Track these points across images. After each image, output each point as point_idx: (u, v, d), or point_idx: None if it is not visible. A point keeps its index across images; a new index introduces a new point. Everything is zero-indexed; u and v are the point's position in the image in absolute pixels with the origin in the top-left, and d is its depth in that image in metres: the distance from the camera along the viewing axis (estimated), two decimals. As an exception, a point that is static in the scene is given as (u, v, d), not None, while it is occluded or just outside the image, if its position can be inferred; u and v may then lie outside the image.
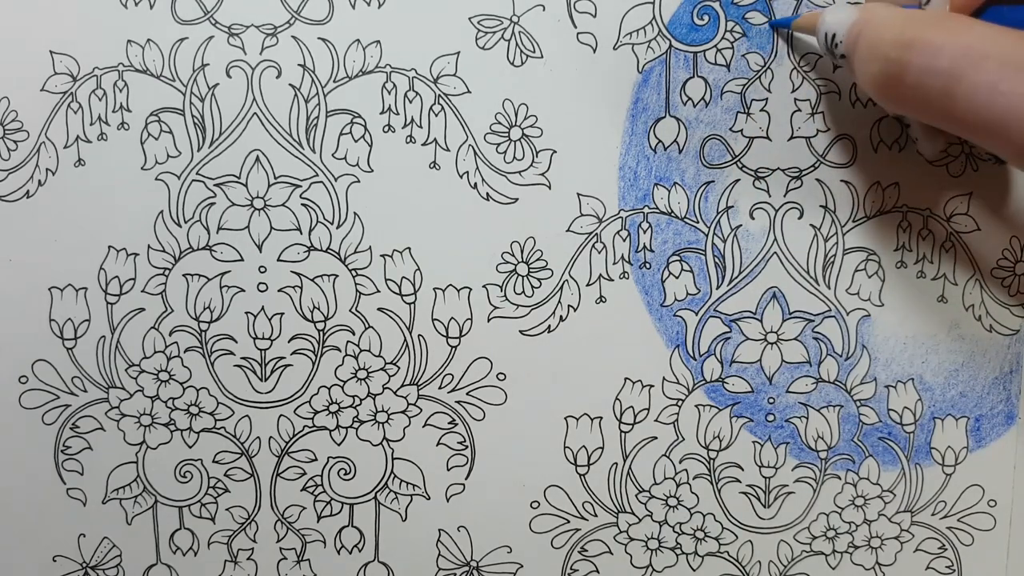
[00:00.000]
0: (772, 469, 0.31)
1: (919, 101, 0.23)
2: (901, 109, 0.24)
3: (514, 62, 0.29)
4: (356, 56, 0.29)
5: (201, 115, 0.30)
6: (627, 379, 0.31)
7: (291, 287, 0.30)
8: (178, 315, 0.30)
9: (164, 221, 0.30)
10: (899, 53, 0.22)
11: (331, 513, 0.32)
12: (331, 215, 0.30)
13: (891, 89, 0.23)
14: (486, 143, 0.30)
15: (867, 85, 0.24)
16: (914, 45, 0.22)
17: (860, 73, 0.24)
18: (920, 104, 0.23)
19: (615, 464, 0.31)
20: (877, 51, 0.23)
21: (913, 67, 0.22)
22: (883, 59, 0.23)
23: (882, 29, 0.23)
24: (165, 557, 0.32)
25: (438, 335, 0.31)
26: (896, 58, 0.22)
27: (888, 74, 0.23)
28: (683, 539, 0.32)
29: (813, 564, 0.32)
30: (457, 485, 0.31)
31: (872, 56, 0.23)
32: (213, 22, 0.29)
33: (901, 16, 0.23)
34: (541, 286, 0.30)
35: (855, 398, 0.31)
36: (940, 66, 0.21)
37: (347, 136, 0.30)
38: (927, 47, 0.22)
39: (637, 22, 0.29)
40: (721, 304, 0.30)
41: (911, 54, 0.22)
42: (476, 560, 0.32)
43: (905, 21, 0.23)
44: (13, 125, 0.30)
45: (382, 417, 0.31)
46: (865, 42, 0.24)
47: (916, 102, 0.23)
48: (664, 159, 0.30)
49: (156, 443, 0.31)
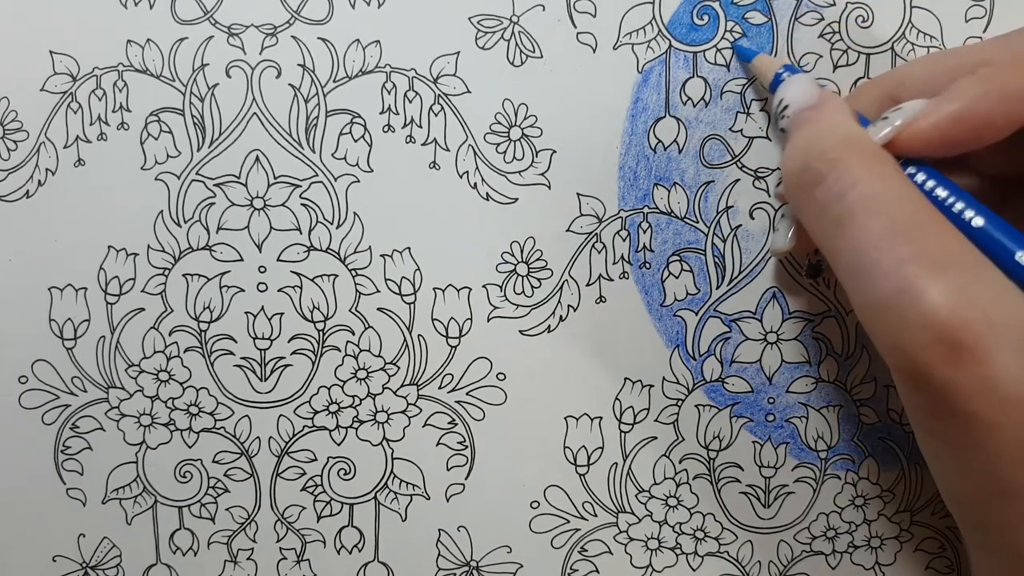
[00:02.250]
0: (772, 469, 0.31)
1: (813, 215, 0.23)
2: (795, 209, 0.24)
3: (514, 62, 0.29)
4: (356, 56, 0.29)
5: (201, 115, 0.30)
6: (627, 379, 0.31)
7: (291, 287, 0.30)
8: (178, 315, 0.30)
9: (164, 221, 0.30)
10: (821, 166, 0.23)
11: (331, 513, 0.32)
12: (331, 215, 0.30)
13: (798, 189, 0.23)
14: (486, 143, 0.30)
15: (785, 175, 0.24)
16: (836, 167, 0.22)
17: (785, 156, 0.24)
18: (812, 217, 0.23)
19: (615, 464, 0.31)
20: (806, 152, 0.23)
21: (825, 185, 0.22)
22: (805, 162, 0.23)
23: (823, 135, 0.23)
24: (165, 557, 0.32)
25: (438, 335, 0.31)
26: (816, 169, 0.23)
27: (802, 178, 0.23)
28: (683, 539, 0.32)
29: (813, 564, 0.32)
30: (457, 485, 0.31)
31: (800, 152, 0.24)
32: (213, 22, 0.29)
33: (844, 130, 0.23)
34: (541, 286, 0.30)
35: (855, 398, 0.31)
36: (847, 198, 0.22)
37: (347, 136, 0.30)
38: (847, 175, 0.22)
39: (637, 22, 0.29)
40: (721, 304, 0.30)
41: (831, 174, 0.22)
42: (476, 560, 0.32)
43: (844, 138, 0.23)
44: (13, 125, 0.30)
45: (382, 417, 0.31)
46: (803, 135, 0.24)
47: (810, 214, 0.23)
48: (664, 159, 0.30)
49: (156, 443, 0.31)
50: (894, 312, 0.20)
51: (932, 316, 0.19)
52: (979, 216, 0.22)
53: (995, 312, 0.19)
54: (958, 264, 0.20)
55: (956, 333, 0.19)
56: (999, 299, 0.20)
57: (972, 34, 0.28)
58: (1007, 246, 0.21)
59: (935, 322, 0.19)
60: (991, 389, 0.19)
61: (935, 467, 0.23)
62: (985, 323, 0.19)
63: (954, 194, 0.22)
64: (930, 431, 0.22)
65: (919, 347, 0.20)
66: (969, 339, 0.19)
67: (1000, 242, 0.21)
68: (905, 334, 0.20)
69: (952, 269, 0.20)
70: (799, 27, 0.29)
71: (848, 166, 0.22)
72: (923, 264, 0.20)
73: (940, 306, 0.19)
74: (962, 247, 0.20)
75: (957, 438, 0.20)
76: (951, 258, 0.20)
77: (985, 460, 0.20)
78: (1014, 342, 0.19)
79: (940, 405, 0.20)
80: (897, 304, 0.20)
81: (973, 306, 0.19)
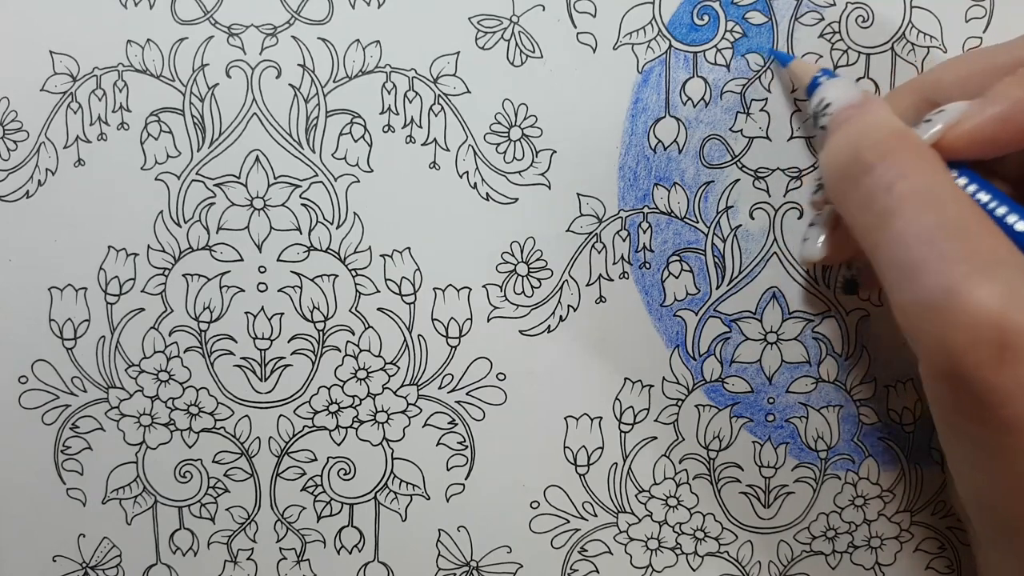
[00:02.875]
0: (772, 469, 0.31)
1: (859, 206, 0.23)
2: (837, 202, 0.24)
3: (514, 62, 0.29)
4: (356, 56, 0.29)
5: (201, 115, 0.30)
6: (627, 379, 0.31)
7: (291, 287, 0.30)
8: (178, 315, 0.30)
9: (164, 221, 0.30)
10: (871, 157, 0.22)
11: (331, 513, 0.32)
12: (331, 215, 0.30)
13: (844, 181, 0.23)
14: (486, 143, 0.30)
15: (828, 168, 0.24)
16: (887, 157, 0.22)
17: (828, 154, 0.24)
18: (857, 209, 0.23)
19: (615, 464, 0.31)
20: (853, 145, 0.23)
21: (875, 175, 0.22)
22: (853, 155, 0.23)
23: (871, 128, 0.23)
24: (165, 557, 0.32)
25: (438, 335, 0.31)
26: (866, 160, 0.22)
27: (850, 168, 0.23)
28: (683, 539, 0.32)
29: (813, 564, 0.32)
30: (457, 485, 0.31)
31: (846, 146, 0.23)
32: (213, 22, 0.29)
33: (892, 124, 0.23)
34: (541, 286, 0.30)
35: (855, 398, 0.31)
36: (896, 189, 0.21)
37: (347, 136, 0.30)
38: (897, 166, 0.22)
39: (637, 22, 0.29)
40: (721, 304, 0.30)
41: (881, 164, 0.22)
42: (476, 560, 0.32)
43: (893, 131, 0.23)
44: (13, 125, 0.30)
45: (382, 417, 0.31)
46: (849, 130, 0.24)
47: (856, 205, 0.23)
48: (664, 159, 0.30)
49: (156, 443, 0.31)
50: (939, 312, 0.20)
51: (981, 317, 0.19)
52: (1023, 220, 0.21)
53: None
54: (1008, 265, 0.20)
55: (1005, 334, 0.19)
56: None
57: (972, 34, 0.28)
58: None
59: (984, 323, 0.19)
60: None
61: (960, 469, 0.23)
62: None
63: (996, 198, 0.22)
64: (961, 433, 0.21)
65: (964, 348, 0.19)
66: (1017, 340, 0.19)
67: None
68: (950, 334, 0.20)
69: (1002, 270, 0.20)
70: (799, 27, 0.29)
71: (899, 157, 0.22)
72: (972, 264, 0.20)
73: (990, 307, 0.19)
74: (1010, 249, 0.20)
75: (990, 440, 0.20)
76: (1000, 259, 0.20)
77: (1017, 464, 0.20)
78: None
79: (976, 407, 0.20)
80: (944, 303, 0.20)
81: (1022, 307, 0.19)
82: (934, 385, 0.21)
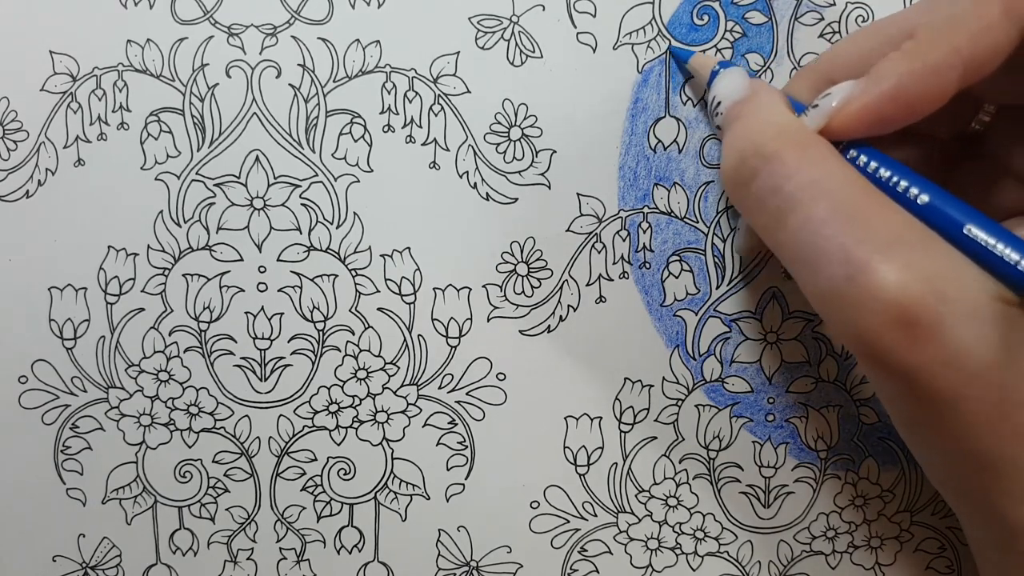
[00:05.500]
0: (772, 469, 0.31)
1: (753, 209, 0.23)
2: (737, 206, 0.24)
3: (514, 62, 0.29)
4: (356, 56, 0.29)
5: (201, 115, 0.30)
6: (627, 379, 0.31)
7: (291, 287, 0.30)
8: (178, 315, 0.30)
9: (164, 221, 0.30)
10: (756, 161, 0.22)
11: (331, 513, 0.32)
12: (331, 215, 0.30)
13: (736, 187, 0.23)
14: (486, 143, 0.30)
15: (722, 172, 0.24)
16: (771, 161, 0.22)
17: (722, 152, 0.24)
18: (752, 212, 0.23)
19: (615, 464, 0.31)
20: (740, 147, 0.23)
21: (761, 179, 0.22)
22: (740, 158, 0.23)
23: (755, 127, 0.23)
24: (165, 557, 0.32)
25: (438, 335, 0.31)
26: (751, 165, 0.22)
27: (739, 173, 0.23)
28: (683, 539, 0.32)
29: (813, 564, 0.32)
30: (457, 485, 0.31)
31: (735, 148, 0.23)
32: (213, 22, 0.29)
33: (776, 121, 0.23)
34: (541, 286, 0.30)
35: (855, 398, 0.31)
36: (784, 190, 0.21)
37: (347, 136, 0.30)
38: (781, 168, 0.22)
39: (637, 22, 0.29)
40: (721, 304, 0.30)
41: (765, 168, 0.22)
42: (476, 560, 0.32)
43: (776, 131, 0.23)
44: (13, 125, 0.30)
45: (382, 417, 0.31)
46: (738, 129, 0.24)
47: (750, 209, 0.23)
48: (664, 159, 0.30)
49: (156, 443, 0.31)
50: (846, 298, 0.20)
51: (883, 297, 0.19)
52: (924, 193, 0.21)
53: (946, 285, 0.19)
54: (904, 241, 0.20)
55: (910, 311, 0.19)
56: (949, 272, 0.19)
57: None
58: (955, 219, 0.20)
59: (888, 303, 0.19)
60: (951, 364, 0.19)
61: (915, 451, 0.23)
62: (936, 297, 0.19)
63: (897, 173, 0.22)
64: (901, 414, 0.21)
65: (876, 331, 0.19)
66: (924, 316, 0.19)
67: (948, 216, 0.21)
68: (860, 320, 0.20)
69: (899, 247, 0.20)
70: (799, 27, 0.29)
71: (782, 159, 0.22)
72: (869, 245, 0.20)
73: (891, 285, 0.19)
74: (907, 224, 0.20)
75: (927, 417, 0.20)
76: (897, 236, 0.20)
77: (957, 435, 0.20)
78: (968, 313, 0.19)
79: (906, 387, 0.20)
80: (848, 290, 0.20)
81: (924, 282, 0.19)
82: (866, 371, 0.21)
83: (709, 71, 0.27)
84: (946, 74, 0.21)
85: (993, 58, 0.22)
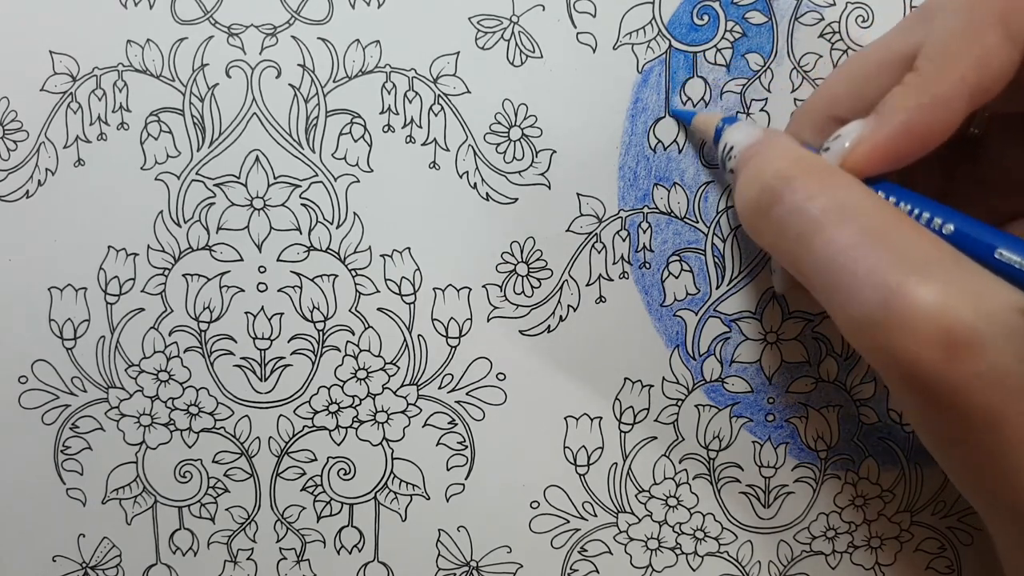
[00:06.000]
0: (772, 469, 0.31)
1: (776, 235, 0.22)
2: (756, 239, 0.24)
3: (514, 62, 0.29)
4: (356, 56, 0.29)
5: (201, 115, 0.30)
6: (627, 379, 0.31)
7: (291, 287, 0.30)
8: (178, 315, 0.30)
9: (164, 221, 0.30)
10: (777, 183, 0.22)
11: (331, 513, 0.32)
12: (331, 215, 0.30)
13: (757, 217, 0.23)
14: (486, 143, 0.30)
15: (740, 207, 0.24)
16: (793, 182, 0.22)
17: (738, 194, 0.24)
18: (775, 238, 0.22)
19: (615, 464, 0.31)
20: (760, 176, 0.23)
21: (784, 202, 0.22)
22: (761, 185, 0.23)
23: (773, 158, 0.23)
24: (165, 557, 0.32)
25: (438, 335, 0.31)
26: (772, 187, 0.22)
27: (759, 201, 0.23)
28: (683, 539, 0.32)
29: (813, 564, 0.32)
30: (457, 485, 0.31)
31: (752, 180, 0.23)
32: (213, 22, 0.29)
33: (794, 153, 0.23)
34: (541, 286, 0.30)
35: (855, 398, 0.31)
36: (808, 211, 0.21)
37: (347, 136, 0.30)
38: (804, 188, 0.21)
39: (637, 22, 0.29)
40: (721, 304, 0.30)
41: (787, 189, 0.22)
42: (476, 560, 0.32)
43: (795, 158, 0.22)
44: (13, 125, 0.30)
45: (382, 417, 0.31)
46: (754, 165, 0.23)
47: (774, 237, 0.22)
48: (664, 159, 0.30)
49: (156, 443, 0.31)
50: (881, 324, 0.19)
51: (923, 318, 0.19)
52: (949, 222, 0.21)
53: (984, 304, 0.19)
54: (938, 262, 0.20)
55: (951, 331, 0.19)
56: (986, 291, 0.19)
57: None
58: (986, 243, 0.20)
59: (928, 323, 0.19)
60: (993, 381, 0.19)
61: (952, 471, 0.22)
62: (976, 315, 0.19)
63: (918, 205, 0.22)
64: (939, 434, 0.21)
65: (915, 352, 0.19)
66: (964, 334, 0.19)
67: (977, 242, 0.21)
68: (898, 343, 0.19)
69: (934, 267, 0.19)
70: (799, 27, 0.29)
71: (805, 180, 0.22)
72: (903, 268, 0.19)
73: (930, 306, 0.19)
74: (937, 245, 0.20)
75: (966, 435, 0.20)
76: (930, 257, 0.20)
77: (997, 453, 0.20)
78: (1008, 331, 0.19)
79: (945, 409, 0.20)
80: (884, 316, 0.19)
81: (963, 301, 0.19)
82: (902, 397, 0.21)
83: (714, 127, 0.27)
84: (954, 105, 0.21)
85: (998, 82, 0.21)
